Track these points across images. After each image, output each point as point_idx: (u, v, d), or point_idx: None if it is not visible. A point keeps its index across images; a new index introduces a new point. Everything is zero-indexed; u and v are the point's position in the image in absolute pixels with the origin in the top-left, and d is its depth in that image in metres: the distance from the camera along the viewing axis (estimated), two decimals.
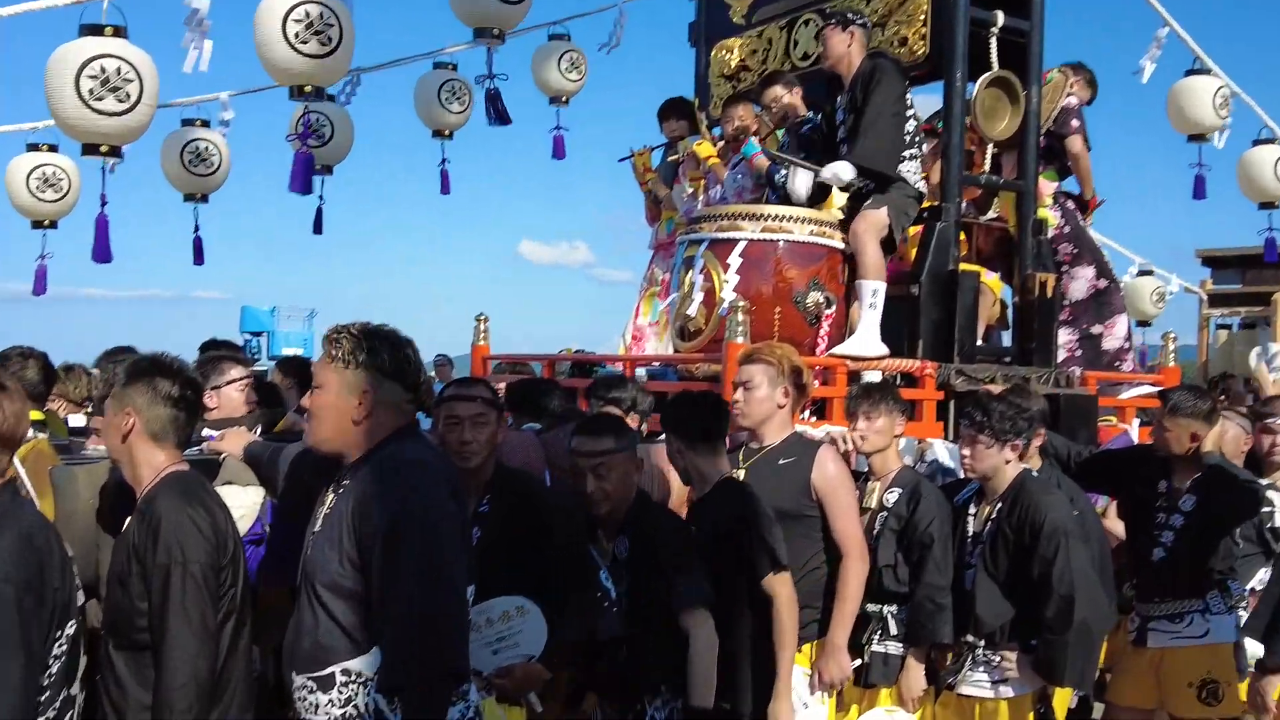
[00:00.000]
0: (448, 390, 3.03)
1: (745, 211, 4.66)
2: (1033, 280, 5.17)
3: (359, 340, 2.37)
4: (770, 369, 3.47)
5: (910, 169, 4.77)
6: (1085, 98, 6.10)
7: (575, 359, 5.93)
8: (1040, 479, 3.66)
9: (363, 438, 2.35)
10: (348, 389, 2.34)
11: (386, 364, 2.36)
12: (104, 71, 4.26)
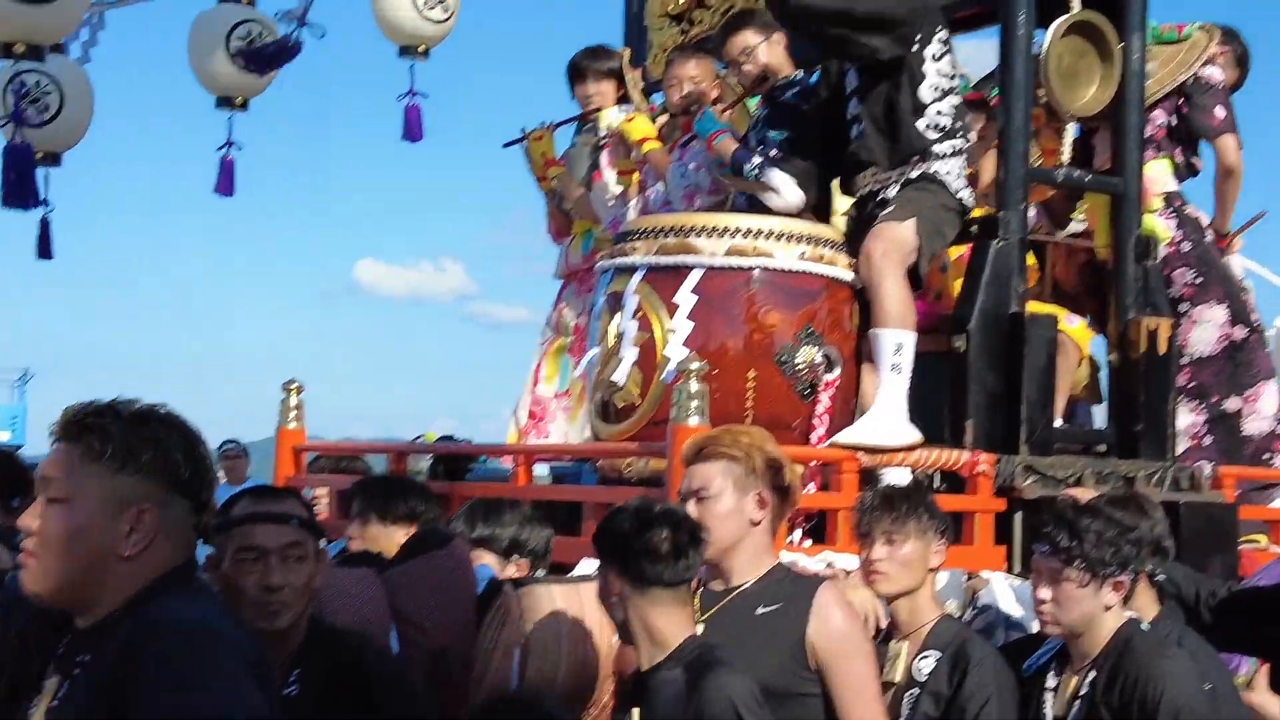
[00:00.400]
0: (241, 506, 3.03)
1: (701, 224, 4.74)
2: (1138, 329, 5.30)
3: (135, 428, 2.37)
4: (735, 467, 3.51)
5: (950, 166, 4.88)
6: (1231, 79, 6.31)
7: (438, 450, 5.94)
8: (1154, 635, 3.73)
9: (125, 585, 2.34)
10: (115, 505, 2.34)
11: (180, 467, 2.38)
12: None
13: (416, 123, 7.08)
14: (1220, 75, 6.16)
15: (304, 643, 2.98)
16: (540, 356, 6.31)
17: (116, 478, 2.34)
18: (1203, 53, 6.09)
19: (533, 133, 6.27)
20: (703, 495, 3.48)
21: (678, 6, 6.35)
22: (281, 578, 2.93)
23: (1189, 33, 6.16)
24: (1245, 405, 5.94)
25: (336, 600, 3.34)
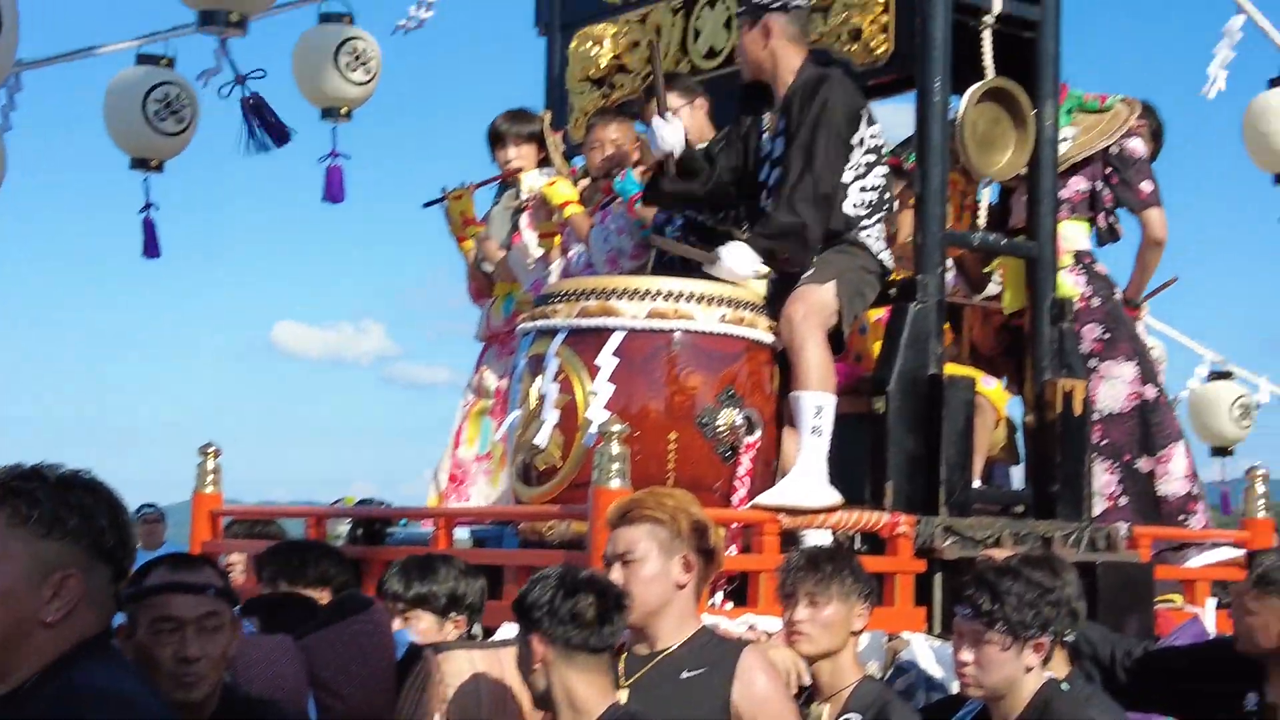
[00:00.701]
0: (157, 575, 2.99)
1: (622, 286, 4.75)
2: (1053, 391, 5.37)
3: (60, 493, 2.34)
4: (660, 530, 3.50)
5: (871, 230, 4.94)
6: (1148, 151, 6.43)
7: (357, 514, 5.89)
8: (1073, 695, 3.75)
9: (44, 651, 2.30)
10: (39, 571, 2.31)
11: (104, 534, 2.35)
12: None
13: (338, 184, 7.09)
14: (1143, 148, 6.29)
15: (219, 711, 2.94)
16: (461, 419, 6.28)
17: (42, 543, 2.31)
18: (1124, 123, 6.21)
19: (453, 192, 6.27)
20: (628, 558, 3.47)
21: (599, 71, 6.39)
22: (199, 649, 2.89)
23: (1111, 103, 6.28)
24: (1158, 467, 6.01)
25: (253, 668, 3.30)
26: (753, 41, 5.07)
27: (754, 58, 5.07)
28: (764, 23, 5.04)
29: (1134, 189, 6.24)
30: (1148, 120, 6.41)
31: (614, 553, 3.48)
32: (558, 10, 6.65)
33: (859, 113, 4.95)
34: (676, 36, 6.08)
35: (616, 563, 3.47)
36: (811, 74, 4.99)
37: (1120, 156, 6.23)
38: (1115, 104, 6.28)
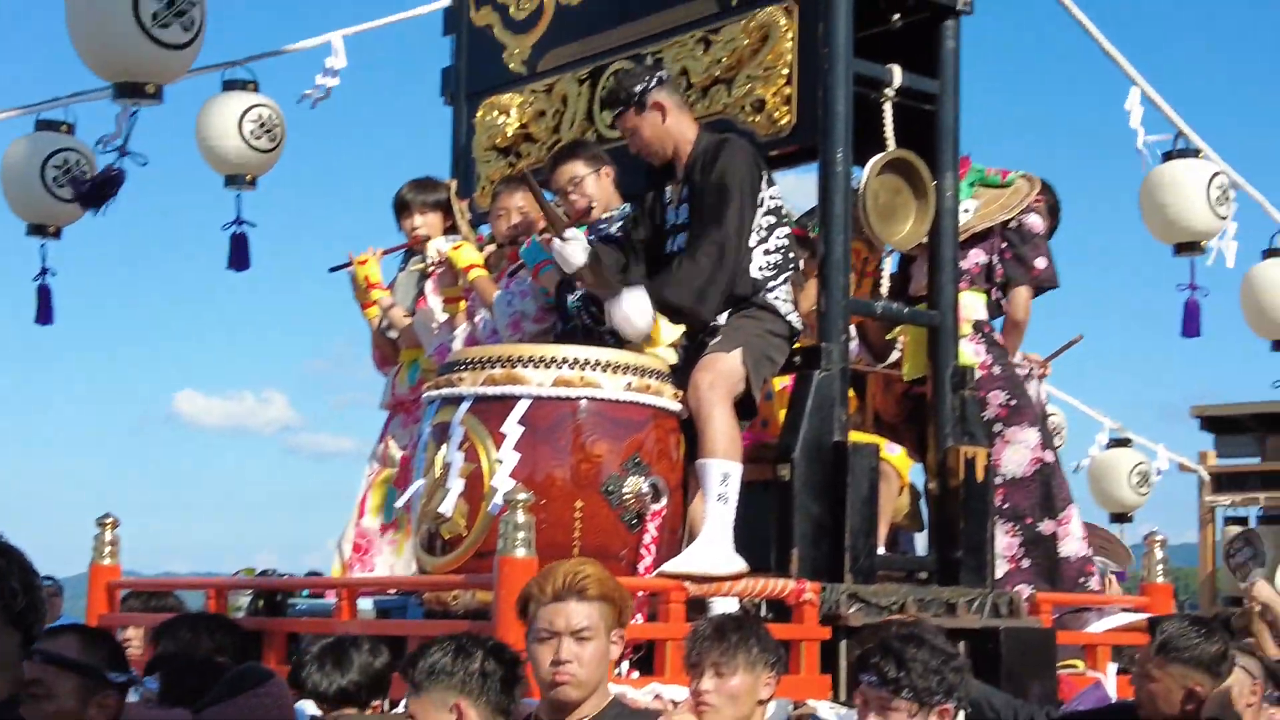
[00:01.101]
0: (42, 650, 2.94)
1: (528, 354, 4.75)
2: (956, 457, 5.43)
3: None
4: (608, 608, 3.49)
5: (777, 292, 4.98)
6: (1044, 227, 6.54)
7: (260, 585, 5.82)
8: None
9: None
10: None
11: (17, 597, 2.31)
12: None
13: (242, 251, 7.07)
14: (1041, 224, 6.39)
15: None
16: (366, 488, 6.23)
17: None
18: (1024, 199, 6.32)
19: (359, 258, 6.26)
20: (583, 635, 3.43)
21: (505, 140, 6.43)
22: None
23: (1012, 179, 6.39)
24: (1059, 529, 6.09)
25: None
26: (653, 125, 5.10)
27: (659, 138, 5.10)
28: (654, 103, 5.09)
29: (1027, 264, 6.34)
30: (1045, 197, 6.53)
31: (567, 627, 3.43)
32: (464, 80, 6.69)
33: (760, 176, 5.00)
34: (583, 106, 6.13)
35: (568, 638, 3.43)
36: (710, 141, 5.05)
37: (1018, 230, 6.34)
38: (1016, 179, 6.40)
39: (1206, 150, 7.54)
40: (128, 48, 5.17)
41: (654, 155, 5.16)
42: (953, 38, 5.61)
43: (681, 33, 5.78)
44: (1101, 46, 7.04)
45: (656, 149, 5.14)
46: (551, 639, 3.43)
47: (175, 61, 5.25)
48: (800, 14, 5.38)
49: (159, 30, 5.17)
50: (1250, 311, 8.28)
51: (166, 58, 5.19)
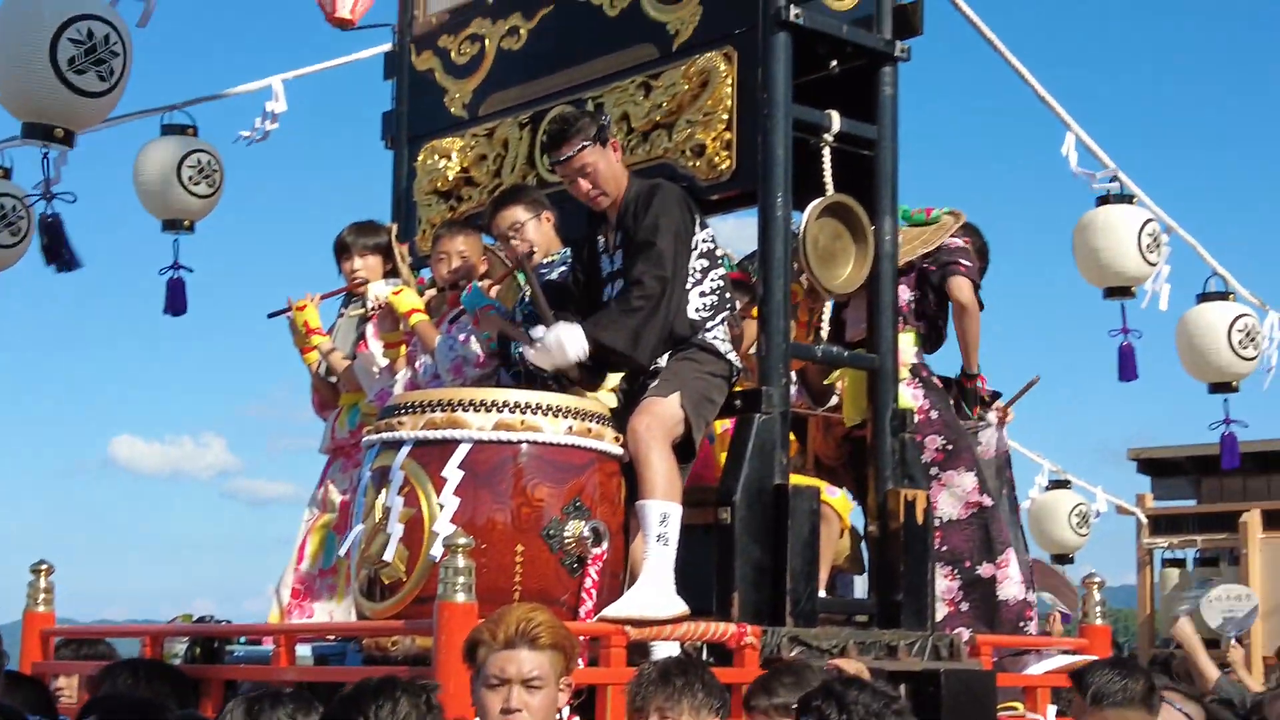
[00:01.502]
0: None
1: (469, 398, 4.74)
2: (896, 500, 5.45)
3: None
4: (559, 658, 3.48)
5: (716, 332, 5.00)
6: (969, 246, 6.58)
7: (196, 631, 5.76)
8: None
9: None
10: None
11: None
12: None
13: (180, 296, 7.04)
14: (963, 244, 6.40)
15: None
16: (305, 533, 6.20)
17: None
18: (947, 231, 6.35)
19: (298, 302, 6.23)
20: (534, 684, 3.42)
21: (446, 184, 6.44)
22: None
23: (937, 215, 6.43)
24: (998, 572, 6.12)
25: None
26: (612, 163, 5.07)
27: (614, 177, 5.07)
28: (612, 141, 5.11)
29: (952, 265, 6.30)
30: (973, 239, 6.56)
31: (518, 675, 3.42)
32: (405, 124, 6.71)
33: (692, 219, 5.02)
34: (524, 150, 6.16)
35: (517, 686, 3.41)
36: (641, 187, 5.05)
37: (939, 251, 6.33)
38: (941, 215, 6.43)
39: (1140, 195, 7.64)
40: (41, 90, 5.18)
41: (603, 196, 5.07)
42: (890, 84, 5.66)
43: (622, 78, 5.82)
44: (1037, 93, 7.13)
45: (609, 187, 5.06)
46: (501, 686, 3.41)
47: (88, 109, 5.27)
48: (740, 60, 5.43)
49: (74, 76, 5.18)
50: (1185, 355, 8.37)
51: (79, 104, 5.21)
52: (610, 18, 5.91)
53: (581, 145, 5.01)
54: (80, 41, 5.19)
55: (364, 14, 7.07)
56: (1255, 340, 8.25)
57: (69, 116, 5.22)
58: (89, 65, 5.17)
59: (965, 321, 6.37)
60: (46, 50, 5.11)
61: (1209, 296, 8.35)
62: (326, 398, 6.36)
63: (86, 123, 5.30)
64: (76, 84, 5.17)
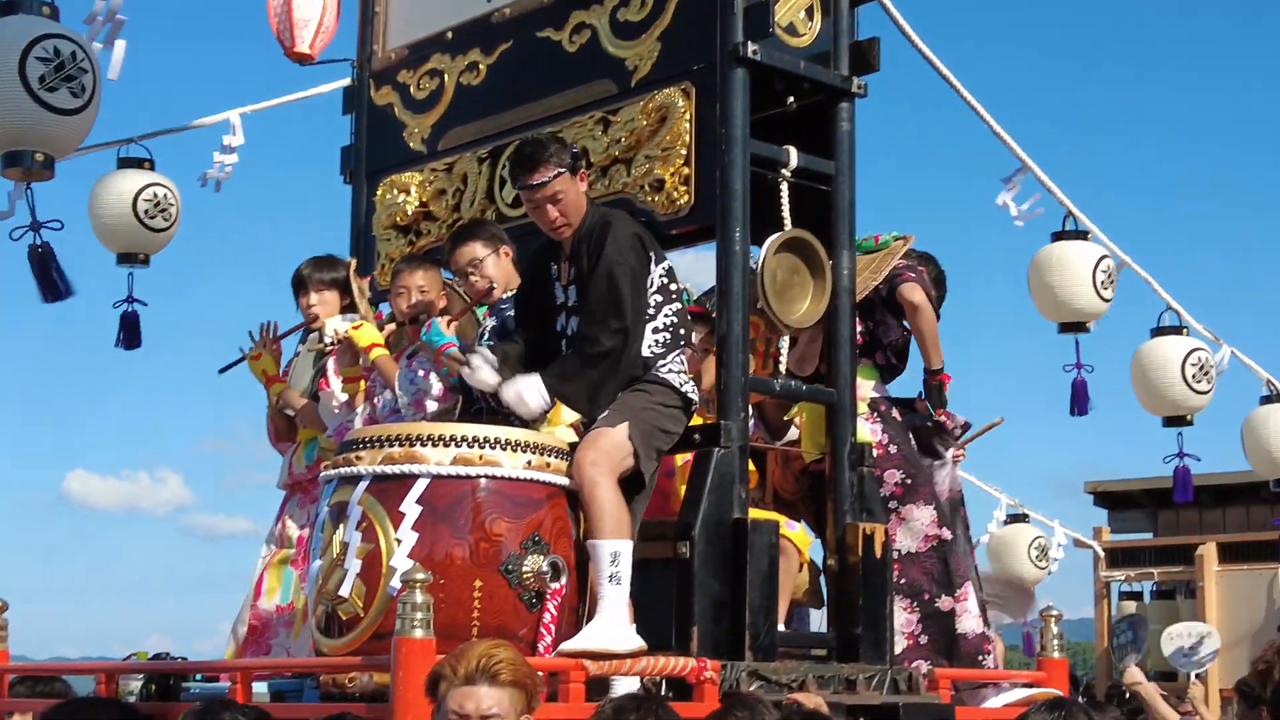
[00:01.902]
0: None
1: (426, 432, 4.74)
2: (855, 534, 5.46)
3: None
4: (519, 695, 3.46)
5: (670, 364, 4.99)
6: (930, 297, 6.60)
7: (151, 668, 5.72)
8: None
9: None
10: None
11: None
12: None
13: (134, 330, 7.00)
14: (908, 264, 6.40)
15: None
16: (262, 569, 6.16)
17: None
18: (896, 256, 6.35)
19: (251, 352, 6.20)
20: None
21: (405, 218, 6.44)
22: None
23: (885, 240, 6.42)
24: (958, 605, 6.14)
25: None
26: (579, 193, 5.08)
27: (579, 207, 5.06)
28: (582, 173, 5.11)
29: (898, 276, 6.30)
30: (927, 267, 6.59)
31: (477, 711, 3.39)
32: (364, 158, 6.70)
33: (647, 255, 5.02)
34: (483, 185, 6.16)
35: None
36: (595, 221, 5.04)
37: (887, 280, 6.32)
38: (890, 240, 6.43)
39: (1094, 231, 7.71)
40: (15, 112, 5.14)
41: (567, 226, 5.04)
42: (847, 120, 5.70)
43: (581, 113, 5.84)
44: (992, 129, 7.18)
45: (573, 218, 5.03)
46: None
47: (65, 129, 5.23)
48: (698, 96, 5.45)
49: (47, 94, 5.14)
50: (1140, 388, 8.43)
51: (55, 123, 5.17)
52: (569, 54, 5.94)
53: (556, 173, 4.98)
54: (48, 59, 5.16)
55: (323, 49, 7.07)
56: (1209, 374, 8.33)
57: (47, 138, 5.16)
58: (60, 82, 5.14)
59: (919, 321, 6.35)
60: (16, 71, 5.08)
61: (1163, 331, 8.42)
62: (282, 429, 6.33)
63: (64, 146, 5.25)
64: (50, 102, 5.13)
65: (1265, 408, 9.09)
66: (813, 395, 5.70)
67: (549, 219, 5.04)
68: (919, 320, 6.35)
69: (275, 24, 7.02)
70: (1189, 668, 9.59)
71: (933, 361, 6.43)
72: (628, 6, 5.76)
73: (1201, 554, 12.50)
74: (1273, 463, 9.12)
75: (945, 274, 6.69)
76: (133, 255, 6.86)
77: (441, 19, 6.51)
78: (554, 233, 5.09)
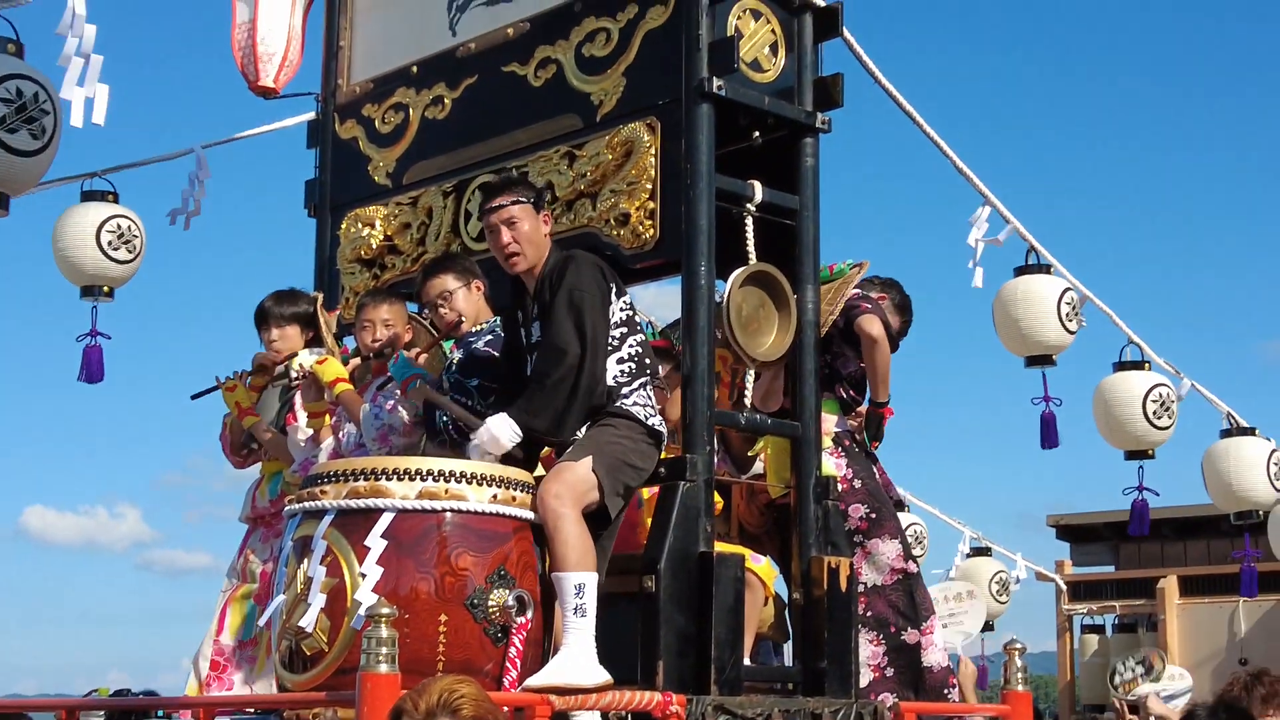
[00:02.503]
0: None
1: (392, 466, 4.72)
2: (820, 567, 5.47)
3: None
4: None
5: (635, 397, 5.00)
6: (892, 325, 6.63)
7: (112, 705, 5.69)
8: None
9: None
10: None
11: None
12: None
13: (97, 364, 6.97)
14: (871, 296, 6.41)
15: None
16: (224, 604, 6.13)
17: None
18: (851, 284, 6.36)
19: (226, 382, 6.18)
20: None
21: (370, 252, 6.44)
22: None
23: (841, 269, 6.42)
24: (923, 638, 6.15)
25: None
26: (538, 229, 5.09)
27: (536, 244, 5.08)
28: (545, 213, 5.13)
29: (855, 308, 6.29)
30: (890, 294, 6.61)
31: None
32: (328, 192, 6.71)
33: (608, 288, 5.03)
34: (448, 219, 6.17)
35: None
36: (558, 259, 5.06)
37: (848, 306, 6.32)
38: (845, 269, 6.44)
39: (1056, 265, 7.77)
40: None
41: (519, 256, 5.06)
42: (812, 155, 5.73)
43: (546, 147, 5.86)
44: (954, 164, 7.24)
45: (527, 250, 5.06)
46: None
47: (22, 170, 5.25)
48: (663, 130, 5.48)
49: (6, 135, 5.15)
50: (1102, 422, 8.50)
51: (12, 164, 5.18)
52: (535, 88, 5.96)
53: (516, 200, 5.05)
54: (10, 100, 5.17)
55: (287, 82, 7.09)
56: (1170, 409, 8.39)
57: (4, 179, 5.18)
58: (20, 124, 5.15)
59: (874, 354, 6.34)
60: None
61: (1125, 365, 8.49)
62: (238, 440, 6.32)
63: (21, 185, 5.28)
64: (10, 143, 5.14)
65: (1225, 441, 9.17)
66: (778, 429, 5.72)
67: (501, 243, 5.06)
68: (874, 353, 6.34)
69: (240, 58, 7.03)
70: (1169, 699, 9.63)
71: (879, 394, 6.43)
72: (593, 42, 5.80)
73: (1163, 587, 12.57)
74: (1233, 496, 9.19)
75: (910, 299, 6.71)
76: (95, 289, 6.84)
77: (406, 53, 6.54)
78: (507, 263, 5.10)
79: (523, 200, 5.05)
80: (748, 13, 5.59)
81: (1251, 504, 9.21)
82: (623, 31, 5.70)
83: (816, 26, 5.79)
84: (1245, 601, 11.91)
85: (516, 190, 5.09)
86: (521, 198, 5.06)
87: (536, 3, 6.04)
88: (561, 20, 5.92)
